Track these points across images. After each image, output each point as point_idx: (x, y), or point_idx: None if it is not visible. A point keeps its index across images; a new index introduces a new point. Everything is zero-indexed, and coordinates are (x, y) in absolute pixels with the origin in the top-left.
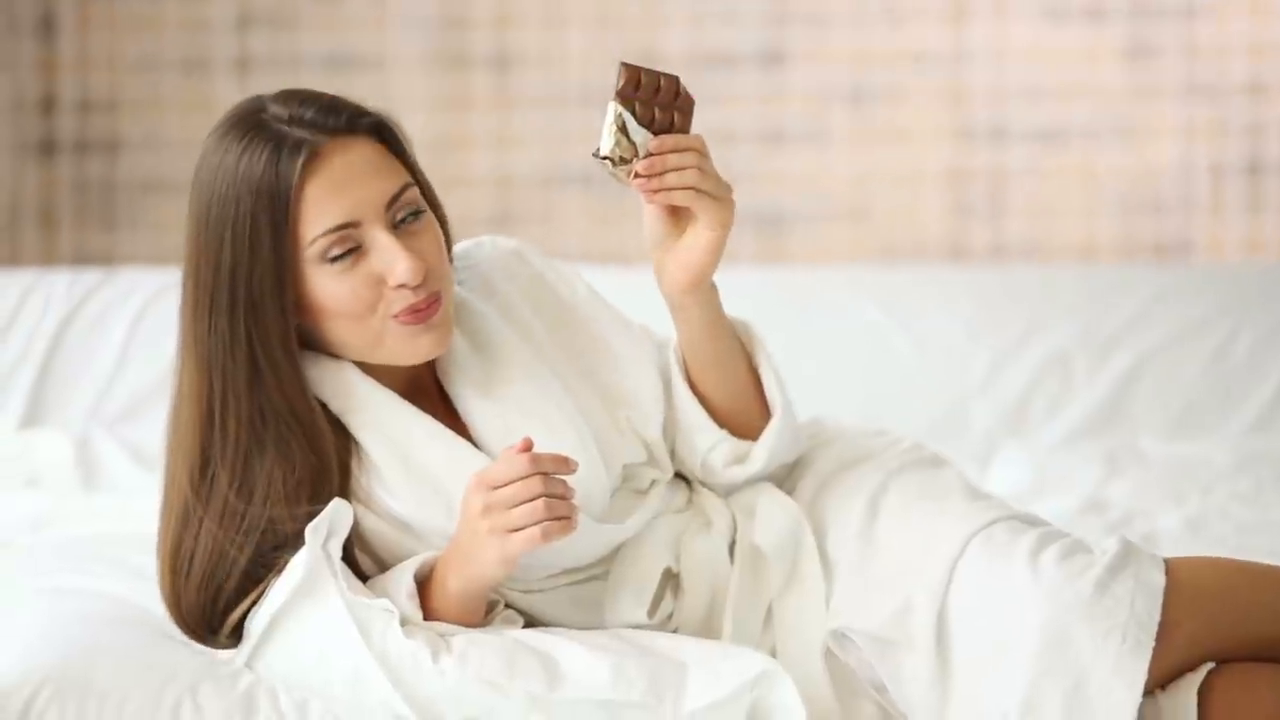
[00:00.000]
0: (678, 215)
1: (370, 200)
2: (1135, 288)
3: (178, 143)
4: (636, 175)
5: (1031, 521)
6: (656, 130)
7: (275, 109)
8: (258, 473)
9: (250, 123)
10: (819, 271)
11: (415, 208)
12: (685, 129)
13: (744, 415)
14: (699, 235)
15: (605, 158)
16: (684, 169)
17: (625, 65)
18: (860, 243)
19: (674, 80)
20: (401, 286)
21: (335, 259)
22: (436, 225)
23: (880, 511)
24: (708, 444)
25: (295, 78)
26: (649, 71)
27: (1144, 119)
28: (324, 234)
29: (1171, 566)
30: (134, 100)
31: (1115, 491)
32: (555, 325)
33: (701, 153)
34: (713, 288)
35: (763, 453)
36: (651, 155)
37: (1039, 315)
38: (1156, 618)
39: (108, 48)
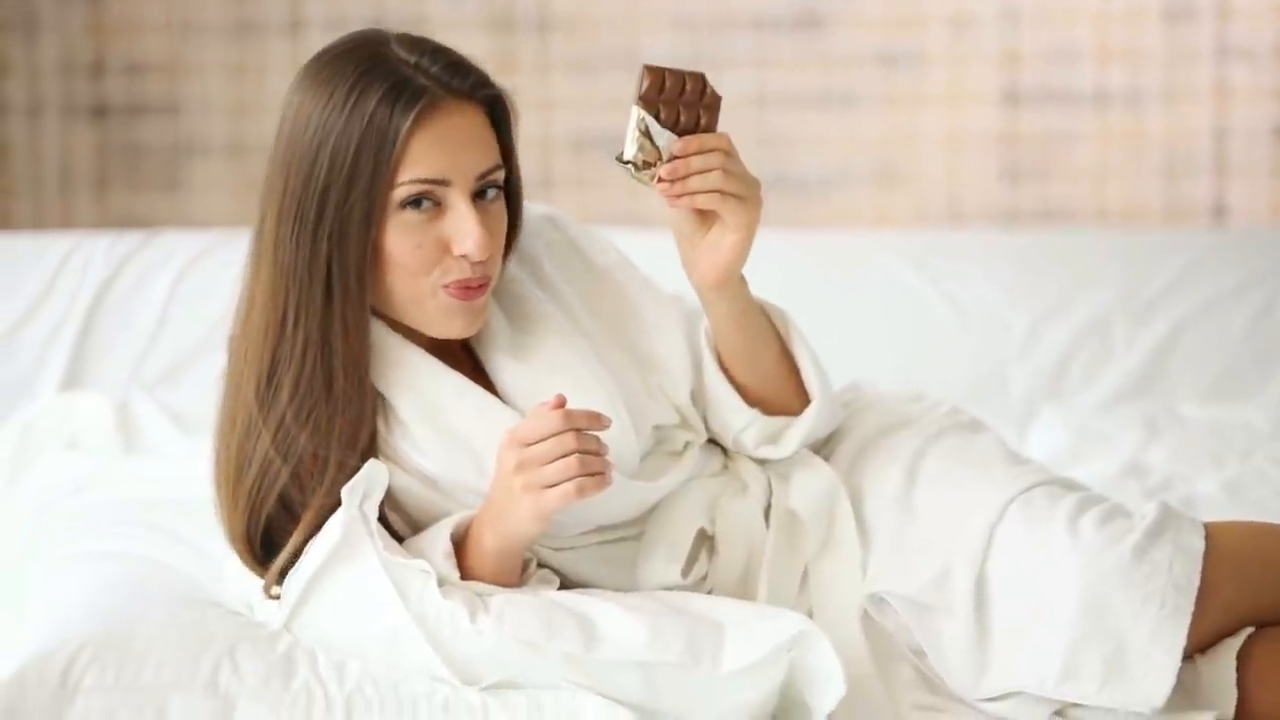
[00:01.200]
0: (704, 212)
1: (466, 166)
2: (1175, 252)
3: (227, 106)
4: (660, 180)
5: (1070, 486)
6: (682, 130)
7: (400, 51)
8: (315, 391)
9: (371, 53)
10: (857, 236)
11: (495, 187)
12: (712, 127)
13: (777, 396)
14: (724, 235)
15: (628, 162)
16: (707, 171)
17: (648, 68)
18: (899, 207)
19: (700, 79)
20: (463, 258)
21: (413, 208)
22: (504, 211)
23: (918, 477)
24: (740, 424)
25: None
26: (673, 72)
27: (1183, 81)
28: (412, 181)
29: (1210, 531)
30: (184, 64)
31: (1154, 456)
32: (586, 290)
33: (727, 152)
34: (741, 280)
35: (796, 437)
36: (675, 158)
37: (1078, 280)
38: (1195, 583)
39: (158, 11)
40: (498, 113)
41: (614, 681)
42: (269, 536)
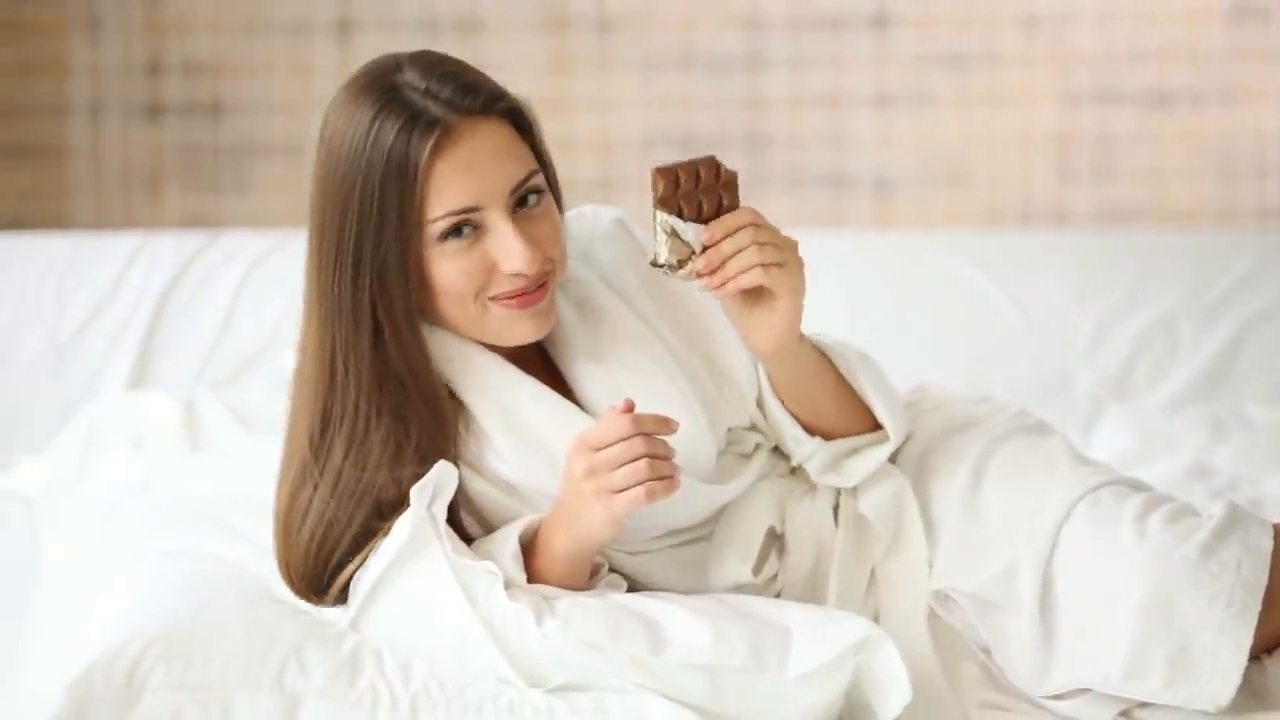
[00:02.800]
0: (750, 289)
1: (495, 186)
2: (1241, 253)
3: (281, 106)
4: (699, 275)
5: (1138, 486)
6: (706, 217)
7: (411, 76)
8: (374, 439)
9: (384, 86)
10: (924, 236)
11: (537, 192)
12: (735, 204)
13: (838, 426)
14: (776, 302)
15: (663, 266)
16: (741, 250)
17: (658, 170)
18: (965, 207)
19: (711, 162)
20: (515, 275)
21: (452, 239)
22: (555, 208)
23: (985, 477)
24: (804, 453)
25: (395, 42)
26: (684, 166)
27: (1248, 82)
28: (445, 215)
29: (1279, 531)
30: (245, 63)
31: (1220, 457)
32: (656, 294)
33: (755, 224)
34: (800, 339)
35: (862, 471)
36: (706, 248)
37: (1144, 280)
38: (1263, 582)
39: (218, 10)
40: (519, 120)
41: (679, 684)
42: (345, 562)
